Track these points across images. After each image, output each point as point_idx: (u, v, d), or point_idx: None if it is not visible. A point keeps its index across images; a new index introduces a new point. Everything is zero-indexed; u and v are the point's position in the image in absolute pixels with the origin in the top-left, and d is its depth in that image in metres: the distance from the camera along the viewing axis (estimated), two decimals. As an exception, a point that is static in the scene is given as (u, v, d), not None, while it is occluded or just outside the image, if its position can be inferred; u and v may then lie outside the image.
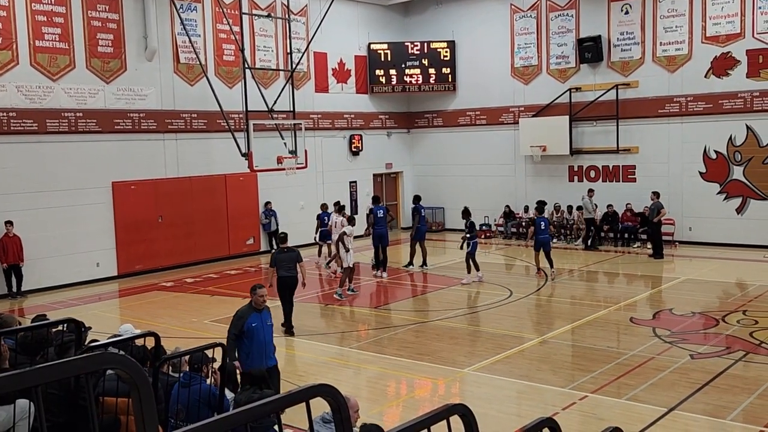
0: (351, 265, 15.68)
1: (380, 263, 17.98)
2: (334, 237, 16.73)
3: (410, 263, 18.76)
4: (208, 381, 6.30)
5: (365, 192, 24.63)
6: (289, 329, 12.61)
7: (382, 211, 18.14)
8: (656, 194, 19.37)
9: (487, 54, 24.34)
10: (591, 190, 21.22)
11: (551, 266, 16.71)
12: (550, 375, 10.11)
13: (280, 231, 16.56)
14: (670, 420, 8.30)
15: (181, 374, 6.17)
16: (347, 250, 15.51)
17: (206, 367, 6.21)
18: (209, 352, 6.21)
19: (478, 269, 16.72)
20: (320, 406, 2.51)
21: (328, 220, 18.94)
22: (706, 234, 20.38)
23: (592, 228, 21.11)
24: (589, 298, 15.28)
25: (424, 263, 18.62)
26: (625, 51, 21.60)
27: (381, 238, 17.87)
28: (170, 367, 6.40)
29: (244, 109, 18.26)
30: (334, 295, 15.53)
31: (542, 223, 16.96)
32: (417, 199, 19.26)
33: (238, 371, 7.44)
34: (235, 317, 8.23)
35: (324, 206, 19.90)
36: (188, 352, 6.08)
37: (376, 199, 19.00)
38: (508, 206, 23.75)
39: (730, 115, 19.84)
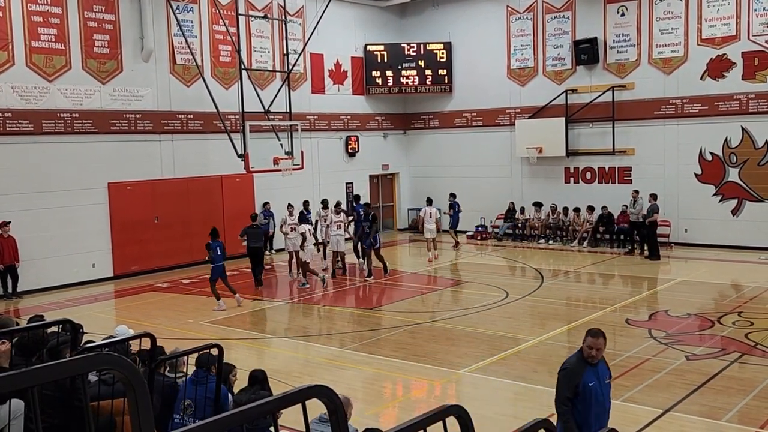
0: (306, 260, 16.80)
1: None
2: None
3: (370, 273, 17.77)
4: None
5: (362, 193, 24.60)
6: (259, 283, 16.94)
7: (362, 209, 19.08)
8: (653, 196, 19.37)
9: (484, 55, 24.38)
10: (636, 192, 20.13)
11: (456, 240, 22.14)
12: (547, 376, 10.09)
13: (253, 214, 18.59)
14: (666, 421, 8.31)
15: (190, 374, 6.26)
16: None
17: (214, 367, 6.25)
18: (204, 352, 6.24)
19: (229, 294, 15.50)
20: (318, 408, 2.50)
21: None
22: (701, 235, 20.41)
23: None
24: (585, 300, 15.30)
25: (370, 274, 17.75)
26: (621, 53, 21.64)
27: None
28: (167, 368, 6.42)
29: (241, 110, 18.25)
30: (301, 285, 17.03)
31: (455, 206, 22.21)
32: (365, 203, 19.85)
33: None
34: (564, 375, 5.92)
35: (305, 203, 20.78)
36: (185, 353, 6.10)
37: (357, 198, 20.21)
38: (512, 203, 23.70)
39: (726, 117, 19.89)
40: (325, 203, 19.29)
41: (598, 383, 5.84)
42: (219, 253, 14.90)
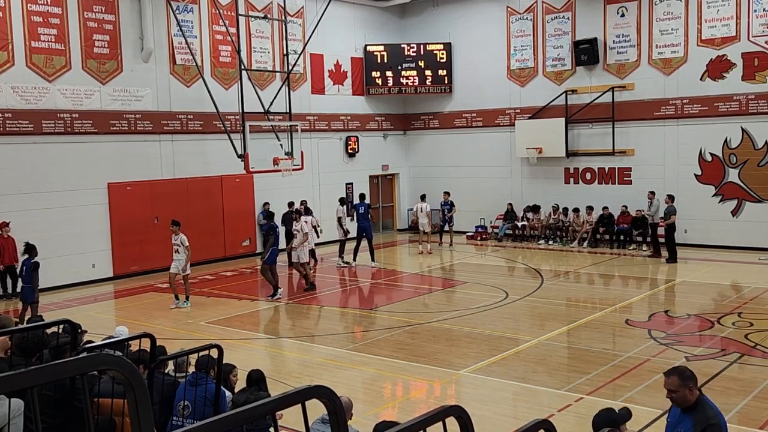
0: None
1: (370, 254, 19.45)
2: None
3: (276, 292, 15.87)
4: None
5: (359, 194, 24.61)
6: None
7: (363, 207, 19.63)
8: (671, 197, 18.85)
9: (484, 56, 24.38)
10: (652, 192, 19.63)
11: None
12: (546, 377, 10.12)
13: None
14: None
15: (189, 374, 6.25)
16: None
17: (213, 370, 6.25)
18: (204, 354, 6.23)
19: None
20: (318, 408, 2.51)
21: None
22: (701, 236, 20.41)
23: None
24: (585, 300, 15.30)
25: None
26: (621, 53, 21.65)
27: (364, 230, 19.34)
28: (167, 368, 6.43)
29: (241, 111, 18.27)
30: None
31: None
32: (269, 211, 18.05)
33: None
34: None
35: (303, 202, 20.85)
36: (184, 353, 6.10)
37: (362, 197, 20.42)
38: (510, 204, 23.70)
39: (726, 118, 19.89)
40: (342, 200, 20.54)
41: (671, 429, 4.99)
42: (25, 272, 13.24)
